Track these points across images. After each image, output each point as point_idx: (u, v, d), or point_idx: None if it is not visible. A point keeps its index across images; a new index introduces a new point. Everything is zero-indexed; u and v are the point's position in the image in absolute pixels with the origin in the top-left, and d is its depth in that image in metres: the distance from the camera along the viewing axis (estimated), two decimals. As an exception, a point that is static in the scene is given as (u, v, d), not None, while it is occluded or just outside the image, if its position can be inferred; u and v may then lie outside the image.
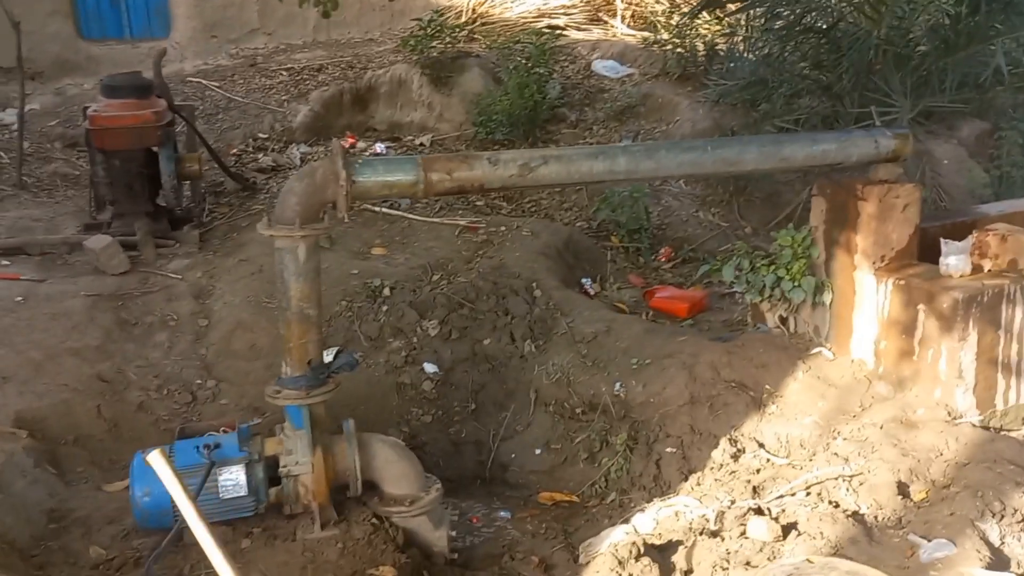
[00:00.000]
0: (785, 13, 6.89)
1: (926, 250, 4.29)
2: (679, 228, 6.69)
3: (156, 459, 2.40)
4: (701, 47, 8.60)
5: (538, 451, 4.62)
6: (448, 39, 8.49)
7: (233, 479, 3.46)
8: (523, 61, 8.12)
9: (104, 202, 5.86)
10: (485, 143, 7.82)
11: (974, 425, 3.80)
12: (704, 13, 8.44)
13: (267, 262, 5.40)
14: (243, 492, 3.47)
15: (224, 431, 3.60)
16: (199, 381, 4.56)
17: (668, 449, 4.28)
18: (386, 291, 5.12)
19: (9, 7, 7.02)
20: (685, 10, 8.96)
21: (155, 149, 5.68)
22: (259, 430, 3.69)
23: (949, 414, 3.85)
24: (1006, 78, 6.29)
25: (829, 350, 4.45)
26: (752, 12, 7.31)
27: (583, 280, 5.77)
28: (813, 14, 6.97)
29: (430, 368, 4.84)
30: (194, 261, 5.48)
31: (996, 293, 3.79)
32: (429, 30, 8.25)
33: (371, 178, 3.44)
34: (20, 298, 4.72)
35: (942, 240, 3.95)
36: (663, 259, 6.31)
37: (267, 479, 3.55)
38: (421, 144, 7.96)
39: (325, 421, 3.64)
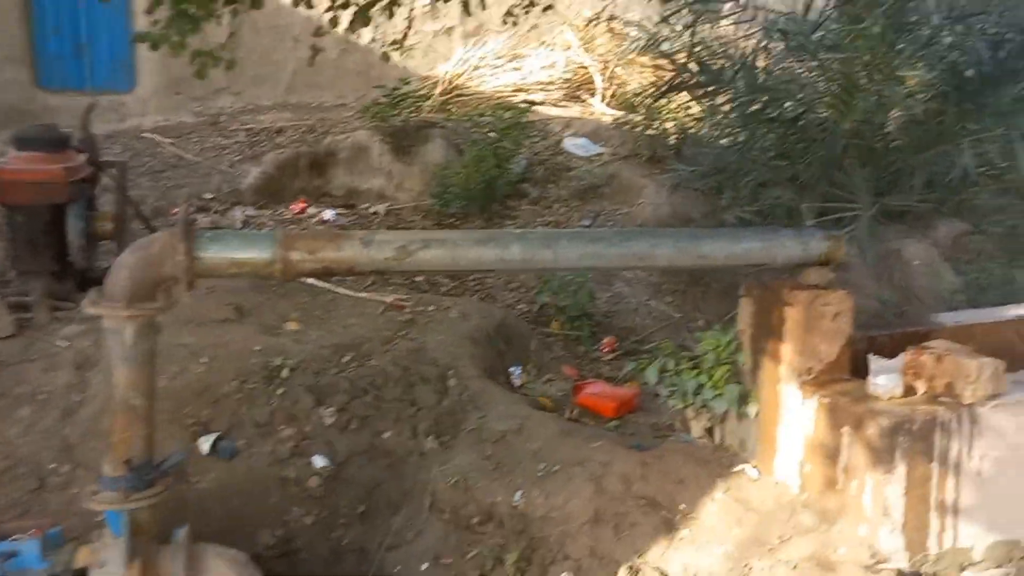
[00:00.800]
0: (748, 102, 6.60)
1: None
2: (627, 317, 6.29)
3: None
4: (672, 129, 8.34)
5: (425, 566, 4.12)
6: (412, 108, 8.27)
7: (30, 593, 3.01)
8: (487, 134, 7.87)
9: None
10: (441, 215, 7.53)
11: (901, 572, 3.31)
12: (684, 94, 8.22)
13: (164, 333, 5.03)
14: (41, 608, 3.02)
15: (34, 534, 3.15)
16: (53, 465, 4.12)
17: (564, 574, 3.79)
18: (285, 372, 4.70)
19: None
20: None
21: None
22: (76, 535, 3.24)
23: (873, 556, 3.37)
24: (974, 179, 5.93)
25: (754, 468, 3.99)
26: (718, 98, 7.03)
27: (512, 369, 5.35)
28: (781, 103, 6.70)
29: (320, 461, 4.39)
30: (89, 327, 5.08)
31: (928, 421, 3.34)
32: (391, 99, 8.02)
33: (218, 254, 3.08)
34: None
35: (871, 356, 3.52)
36: (605, 350, 5.89)
37: (75, 594, 3.10)
38: (375, 212, 7.67)
39: (152, 529, 3.19)
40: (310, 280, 5.79)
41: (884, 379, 3.45)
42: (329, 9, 4.38)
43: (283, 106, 9.45)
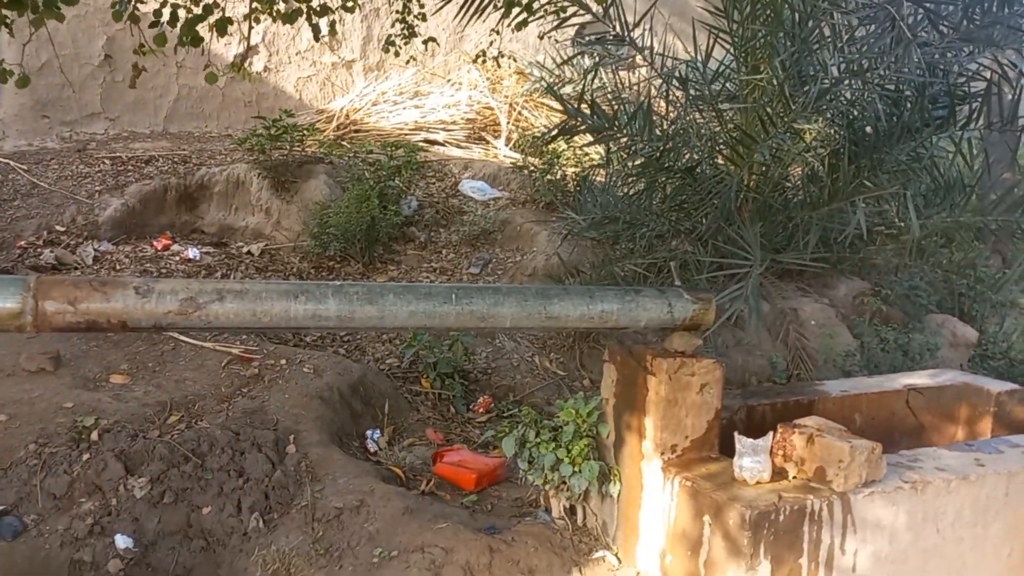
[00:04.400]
0: (644, 149, 6.31)
1: (755, 433, 3.46)
2: (508, 374, 5.83)
3: None
4: (572, 175, 8.01)
5: (234, 667, 3.53)
6: (297, 142, 7.75)
7: None
8: (372, 172, 7.40)
9: None
10: (320, 257, 6.99)
11: None
12: (587, 138, 7.91)
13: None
14: None
15: None
16: None
17: None
18: (95, 434, 4.09)
19: None
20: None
21: None
22: None
23: (735, 669, 2.93)
24: (871, 237, 5.71)
25: (615, 555, 3.55)
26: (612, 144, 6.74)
27: (369, 432, 4.82)
28: (679, 151, 6.43)
29: (123, 542, 3.76)
30: None
31: (796, 511, 2.95)
32: (273, 130, 7.49)
33: (-51, 304, 2.50)
34: None
35: (736, 436, 3.12)
36: (479, 410, 5.41)
37: None
38: (249, 252, 7.08)
39: None
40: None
41: (750, 461, 3.05)
42: (153, 24, 3.88)
43: (162, 135, 8.81)
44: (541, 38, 9.12)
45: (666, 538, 3.26)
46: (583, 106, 5.84)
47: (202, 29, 4.03)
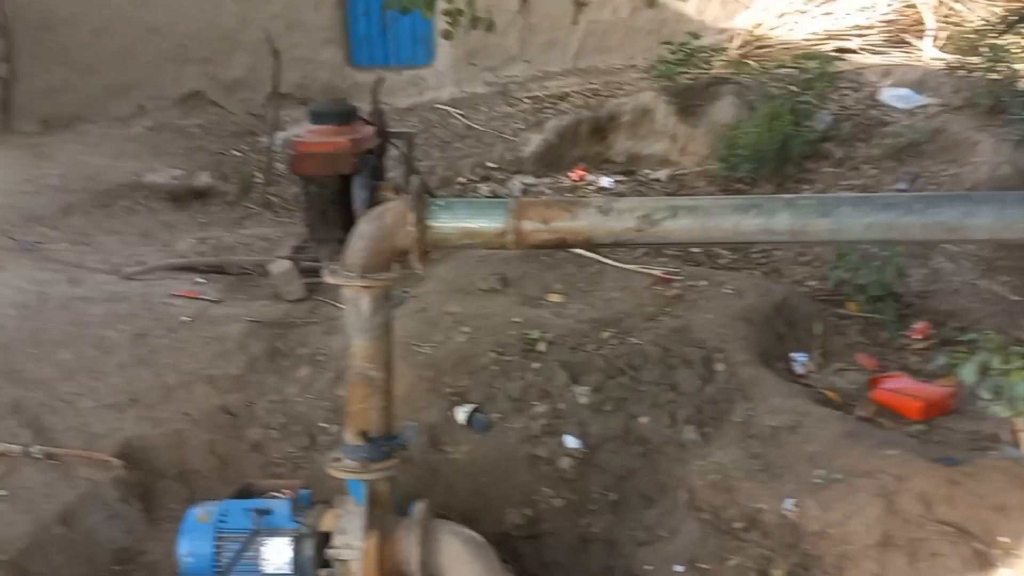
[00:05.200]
0: None
1: None
2: (947, 299, 5.29)
3: None
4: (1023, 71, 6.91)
5: (680, 568, 3.72)
6: (702, 65, 7.67)
7: (277, 553, 3.09)
8: (781, 88, 7.08)
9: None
10: (728, 181, 6.93)
11: None
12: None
13: (434, 301, 5.09)
14: (286, 570, 3.08)
15: (285, 494, 3.25)
16: (324, 424, 4.30)
17: (839, 603, 3.20)
18: (541, 346, 4.52)
19: (275, 36, 7.50)
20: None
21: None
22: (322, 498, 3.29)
23: None
24: None
25: (1111, 503, 3.06)
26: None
27: (794, 355, 4.71)
28: None
29: (572, 442, 4.15)
30: (368, 293, 5.31)
31: None
32: (679, 55, 7.50)
33: (448, 224, 2.91)
34: (188, 318, 4.82)
35: None
36: (916, 336, 4.98)
37: (318, 557, 3.14)
38: (657, 179, 7.27)
39: (388, 501, 3.14)
40: (578, 250, 5.56)
41: None
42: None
43: (572, 71, 9.31)
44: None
45: None
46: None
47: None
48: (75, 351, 4.36)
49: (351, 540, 3.08)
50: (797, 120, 6.76)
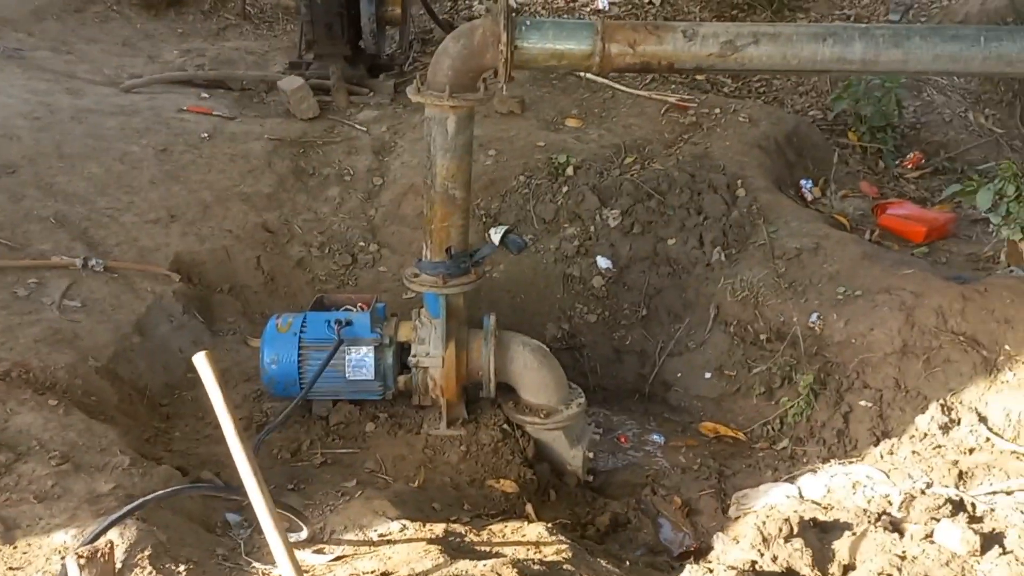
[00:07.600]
0: None
1: None
2: (938, 130, 5.56)
3: (201, 362, 2.22)
4: None
5: (708, 375, 4.08)
6: None
7: (360, 360, 3.27)
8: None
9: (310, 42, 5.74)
10: (722, 5, 6.87)
11: None
12: None
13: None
14: (370, 375, 3.28)
15: (360, 308, 3.39)
16: (362, 243, 4.40)
17: (862, 402, 3.61)
18: (569, 170, 4.63)
19: None
20: None
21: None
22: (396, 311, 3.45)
23: None
24: None
25: (1104, 315, 3.48)
26: None
27: (802, 182, 4.95)
28: None
29: (603, 263, 4.37)
30: (383, 113, 5.26)
31: None
32: None
33: (537, 44, 2.91)
34: (206, 135, 4.73)
35: None
36: (910, 166, 5.28)
37: (397, 365, 3.34)
38: (650, 2, 7.13)
39: (463, 313, 3.33)
40: (588, 75, 5.56)
41: None
42: None
43: None
44: None
45: None
46: None
47: None
48: (103, 165, 4.27)
49: (430, 349, 3.29)
50: (795, -55, 6.69)
